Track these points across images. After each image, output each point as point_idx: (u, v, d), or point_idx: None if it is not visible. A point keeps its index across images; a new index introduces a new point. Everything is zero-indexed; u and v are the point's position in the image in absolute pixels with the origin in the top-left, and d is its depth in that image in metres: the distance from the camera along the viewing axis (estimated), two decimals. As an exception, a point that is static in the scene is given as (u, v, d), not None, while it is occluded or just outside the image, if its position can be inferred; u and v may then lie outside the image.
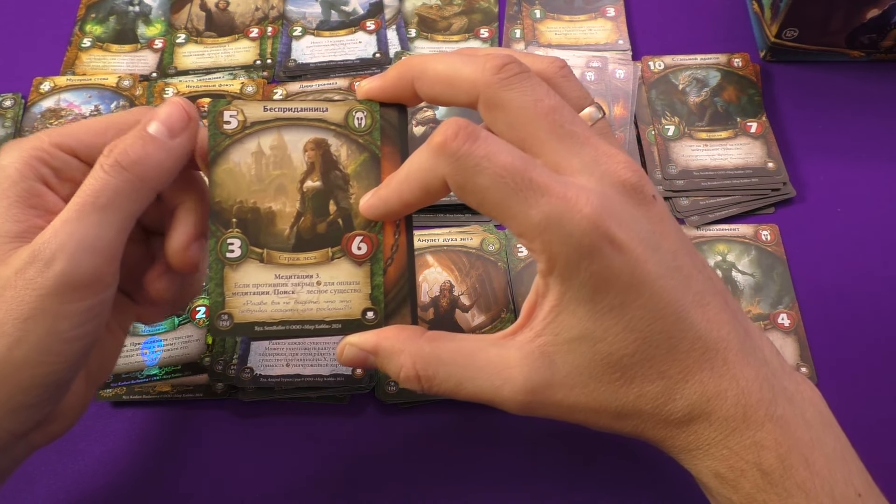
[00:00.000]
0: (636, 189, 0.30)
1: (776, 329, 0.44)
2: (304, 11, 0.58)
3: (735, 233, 0.47)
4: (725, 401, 0.28)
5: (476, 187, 0.28)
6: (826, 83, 0.54)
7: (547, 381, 0.29)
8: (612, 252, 0.28)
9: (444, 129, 0.28)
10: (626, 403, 0.29)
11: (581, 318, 0.28)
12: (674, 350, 0.28)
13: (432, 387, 0.31)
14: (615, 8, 0.58)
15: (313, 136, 0.33)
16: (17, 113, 0.53)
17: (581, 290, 0.28)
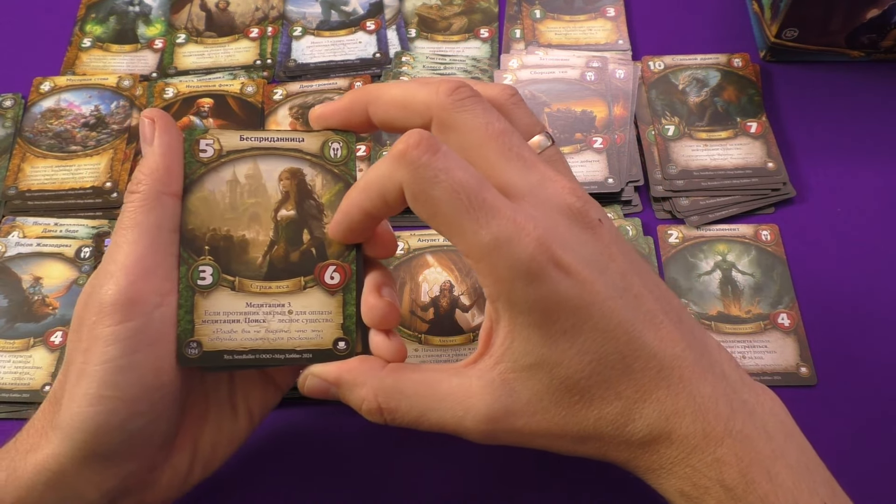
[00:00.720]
0: (581, 213, 0.30)
1: (776, 329, 0.44)
2: (305, 11, 0.58)
3: (735, 233, 0.47)
4: (684, 419, 0.29)
5: (430, 199, 0.28)
6: (826, 83, 0.54)
7: (508, 408, 0.30)
8: (559, 276, 0.28)
9: (407, 138, 0.28)
10: (587, 426, 0.29)
11: (535, 343, 0.29)
12: (629, 370, 0.29)
13: (395, 419, 0.31)
14: (615, 8, 0.58)
15: (289, 166, 0.34)
16: (17, 113, 0.53)
17: (531, 314, 0.28)
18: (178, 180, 0.32)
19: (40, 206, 0.49)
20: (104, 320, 0.29)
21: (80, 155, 0.51)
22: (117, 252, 0.30)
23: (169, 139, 0.33)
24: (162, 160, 0.32)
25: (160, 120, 0.33)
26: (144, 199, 0.31)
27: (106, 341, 0.29)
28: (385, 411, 0.31)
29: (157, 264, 0.31)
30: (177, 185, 0.32)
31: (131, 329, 0.29)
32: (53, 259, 0.47)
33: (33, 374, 0.43)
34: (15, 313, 0.45)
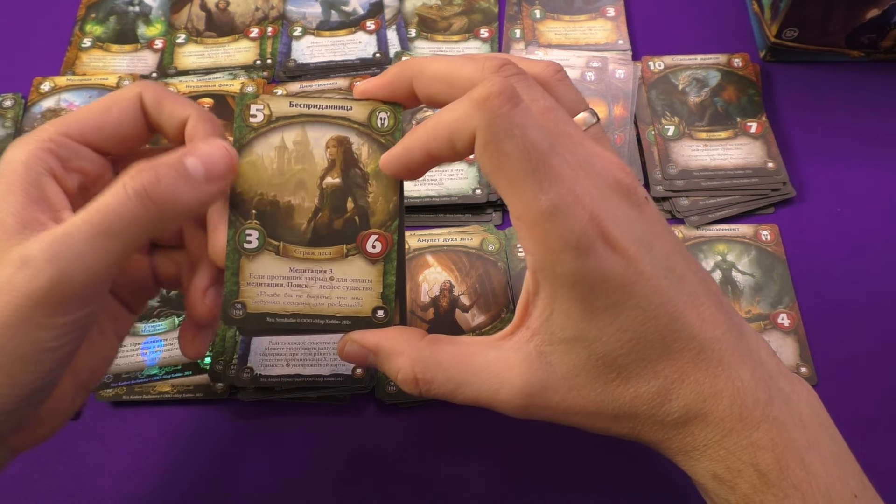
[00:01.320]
0: (630, 190, 0.30)
1: (776, 329, 0.44)
2: (305, 11, 0.58)
3: (735, 233, 0.47)
4: (721, 401, 0.28)
5: (500, 151, 0.27)
6: (826, 83, 0.54)
7: (544, 383, 0.29)
8: (607, 251, 0.28)
9: (490, 86, 0.28)
10: (623, 405, 0.29)
11: (575, 317, 0.28)
12: (668, 350, 0.28)
13: (430, 390, 0.31)
14: (615, 8, 0.58)
15: (336, 134, 0.33)
16: (17, 113, 0.53)
17: (574, 288, 0.28)
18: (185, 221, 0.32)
19: (40, 206, 0.49)
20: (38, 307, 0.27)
21: (79, 155, 0.51)
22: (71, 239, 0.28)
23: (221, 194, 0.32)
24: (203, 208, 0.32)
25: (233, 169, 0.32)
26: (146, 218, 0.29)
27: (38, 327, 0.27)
28: (421, 382, 0.31)
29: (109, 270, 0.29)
30: (175, 225, 0.32)
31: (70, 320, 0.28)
32: (53, 259, 0.47)
33: (33, 374, 0.43)
34: (15, 313, 0.45)
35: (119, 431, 0.42)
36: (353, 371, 0.42)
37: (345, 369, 0.42)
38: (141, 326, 0.44)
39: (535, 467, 0.40)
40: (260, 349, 0.43)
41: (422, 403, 0.42)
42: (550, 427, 0.41)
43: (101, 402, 0.42)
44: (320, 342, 0.43)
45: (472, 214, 0.49)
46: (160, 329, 0.44)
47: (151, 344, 0.44)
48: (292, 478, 0.40)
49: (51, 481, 0.40)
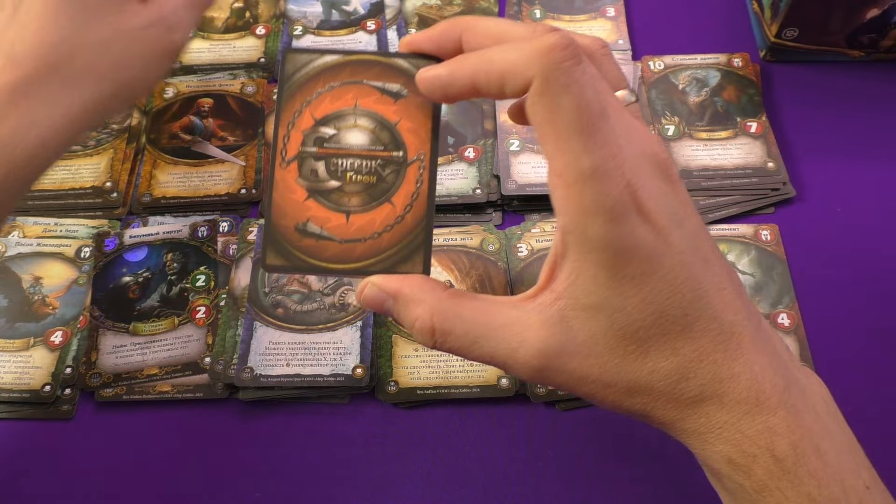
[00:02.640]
0: (665, 165, 0.30)
1: (776, 329, 0.44)
2: (305, 10, 0.58)
3: (735, 233, 0.47)
4: (738, 384, 0.28)
5: (553, 103, 0.27)
6: (826, 83, 0.54)
7: (562, 346, 0.29)
8: (639, 220, 0.28)
9: (557, 39, 0.28)
10: (639, 378, 0.29)
11: (601, 284, 0.28)
12: (689, 328, 0.28)
13: (446, 341, 0.30)
14: (615, 8, 0.58)
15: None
16: (17, 113, 0.53)
17: (603, 253, 0.28)
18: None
19: (40, 205, 0.49)
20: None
21: (80, 155, 0.51)
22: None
23: None
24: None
25: None
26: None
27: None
28: (438, 332, 0.30)
29: None
30: None
31: None
32: (53, 259, 0.47)
33: (33, 373, 0.43)
34: (15, 313, 0.45)
35: (119, 431, 0.42)
36: (353, 371, 0.42)
37: (345, 369, 0.42)
38: (141, 326, 0.44)
39: (535, 467, 0.40)
40: (260, 349, 0.43)
41: (421, 404, 0.42)
42: (551, 428, 0.41)
43: (102, 401, 0.42)
44: (320, 342, 0.43)
45: (472, 214, 0.49)
46: (160, 329, 0.44)
47: (151, 343, 0.44)
48: (292, 477, 0.40)
49: (50, 481, 0.40)
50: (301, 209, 0.32)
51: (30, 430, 0.42)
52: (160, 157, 0.51)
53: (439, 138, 0.33)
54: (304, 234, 0.32)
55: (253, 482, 0.40)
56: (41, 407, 0.42)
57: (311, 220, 0.32)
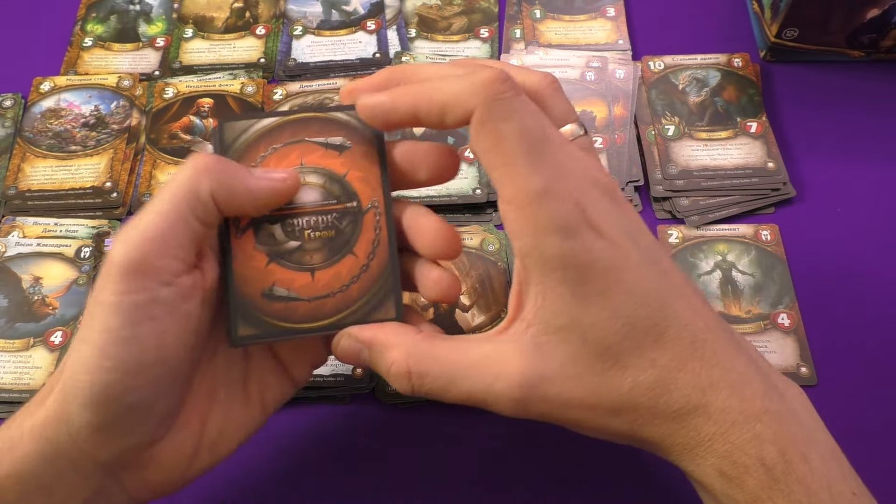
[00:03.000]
0: (611, 189, 0.31)
1: (776, 329, 0.44)
2: (305, 10, 0.58)
3: (735, 233, 0.47)
4: (720, 392, 0.28)
5: (497, 130, 0.28)
6: (826, 83, 0.54)
7: (541, 374, 0.29)
8: (594, 237, 0.28)
9: (494, 73, 0.29)
10: (621, 395, 0.29)
11: (567, 303, 0.28)
12: (662, 338, 0.29)
13: (423, 384, 0.30)
14: (615, 8, 0.58)
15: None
16: (17, 113, 0.53)
17: (564, 270, 0.28)
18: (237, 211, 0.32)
19: (40, 206, 0.49)
20: (109, 286, 0.28)
21: (79, 155, 0.51)
22: (143, 219, 0.29)
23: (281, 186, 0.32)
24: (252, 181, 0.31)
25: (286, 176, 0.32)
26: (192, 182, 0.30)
27: (109, 310, 0.28)
28: (414, 375, 0.30)
29: (177, 245, 0.29)
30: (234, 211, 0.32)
31: (136, 302, 0.28)
32: (53, 259, 0.47)
33: (33, 374, 0.43)
34: (15, 313, 0.45)
35: (119, 431, 0.42)
36: (353, 371, 0.42)
37: (345, 369, 0.42)
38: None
39: (536, 466, 0.40)
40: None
41: (422, 404, 0.42)
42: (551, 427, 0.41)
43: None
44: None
45: (472, 214, 0.49)
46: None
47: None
48: (292, 477, 0.40)
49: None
50: (264, 275, 0.32)
51: (30, 430, 0.42)
52: (160, 158, 0.51)
53: (389, 182, 0.33)
54: (271, 298, 0.32)
55: (252, 481, 0.40)
56: (41, 407, 0.42)
57: (277, 283, 0.32)
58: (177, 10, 0.59)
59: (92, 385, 0.28)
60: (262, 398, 0.34)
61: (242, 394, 0.34)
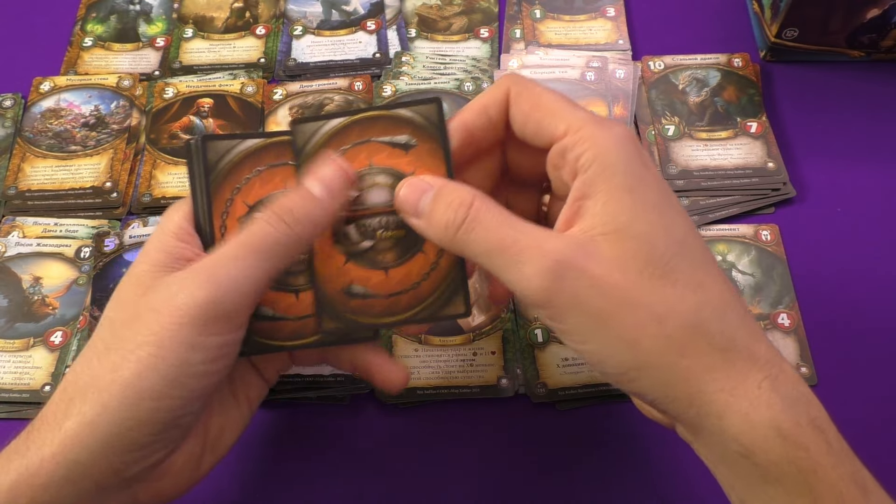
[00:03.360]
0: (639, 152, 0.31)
1: (776, 329, 0.44)
2: (305, 10, 0.58)
3: (735, 233, 0.47)
4: (762, 344, 0.28)
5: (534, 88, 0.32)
6: (826, 83, 0.54)
7: (587, 250, 0.28)
8: (644, 165, 0.29)
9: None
10: (668, 301, 0.27)
11: (626, 207, 0.28)
12: (709, 266, 0.29)
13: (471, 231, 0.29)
14: (615, 8, 0.58)
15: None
16: (17, 113, 0.53)
17: (625, 177, 0.29)
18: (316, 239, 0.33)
19: (40, 206, 0.49)
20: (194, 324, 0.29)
21: (79, 155, 0.51)
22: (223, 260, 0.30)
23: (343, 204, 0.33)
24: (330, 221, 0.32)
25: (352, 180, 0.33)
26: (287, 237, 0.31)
27: (190, 347, 0.29)
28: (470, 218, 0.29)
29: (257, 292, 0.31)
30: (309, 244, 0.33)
31: (220, 342, 0.30)
32: (53, 259, 0.47)
33: (33, 374, 0.43)
34: (15, 313, 0.45)
35: (119, 431, 0.42)
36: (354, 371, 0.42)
37: (345, 369, 0.42)
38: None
39: (535, 467, 0.40)
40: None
41: (422, 404, 0.42)
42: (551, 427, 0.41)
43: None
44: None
45: (472, 214, 0.49)
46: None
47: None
48: (292, 477, 0.40)
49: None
50: (343, 273, 0.33)
51: (30, 430, 0.42)
52: (160, 157, 0.51)
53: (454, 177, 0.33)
54: (350, 295, 0.33)
55: (252, 481, 0.40)
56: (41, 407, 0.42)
57: (354, 281, 0.33)
58: (177, 10, 0.59)
59: (157, 411, 0.29)
60: (247, 397, 0.36)
61: (231, 395, 0.35)
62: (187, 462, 0.32)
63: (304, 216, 0.31)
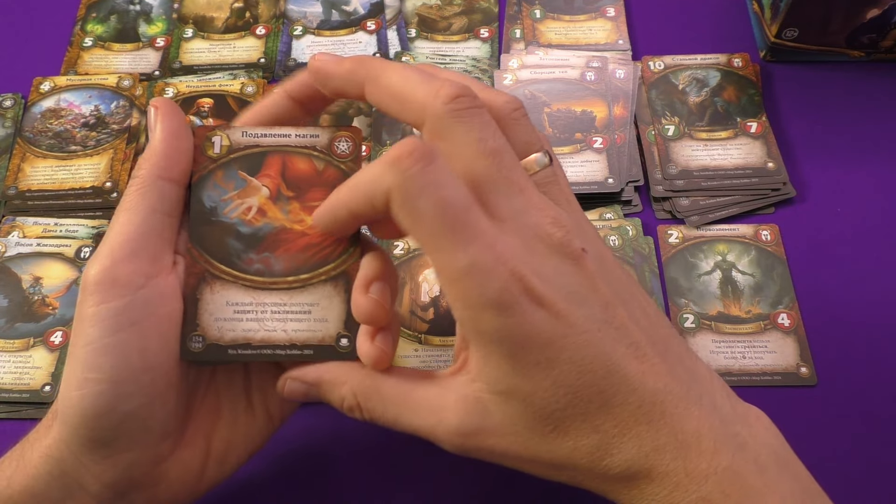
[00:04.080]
0: (562, 244, 0.29)
1: (776, 329, 0.44)
2: (305, 11, 0.58)
3: (735, 233, 0.47)
4: (664, 455, 0.28)
5: (414, 210, 0.27)
6: (826, 83, 0.54)
7: (479, 427, 0.29)
8: (532, 307, 0.27)
9: (401, 146, 0.27)
10: (561, 456, 0.29)
11: (507, 373, 0.28)
12: (607, 404, 0.28)
13: (373, 418, 0.31)
14: (615, 8, 0.58)
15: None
16: (17, 113, 0.53)
17: (501, 345, 0.27)
18: (177, 165, 0.32)
19: (40, 206, 0.49)
20: (87, 300, 0.29)
21: (80, 155, 0.51)
22: (108, 233, 0.31)
23: (170, 125, 0.33)
24: (160, 146, 0.32)
25: (163, 107, 0.33)
26: (141, 184, 0.31)
27: (88, 322, 0.29)
28: (364, 410, 0.31)
29: (144, 246, 0.30)
30: (177, 171, 0.32)
31: (112, 309, 0.29)
32: (53, 259, 0.47)
33: (33, 374, 0.43)
34: (15, 313, 0.45)
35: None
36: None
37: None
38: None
39: (534, 467, 0.40)
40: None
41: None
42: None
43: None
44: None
45: (472, 214, 0.49)
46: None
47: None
48: (291, 477, 0.40)
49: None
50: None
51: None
52: (160, 157, 0.51)
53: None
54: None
55: (252, 482, 0.40)
56: (41, 407, 0.42)
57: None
58: (177, 10, 0.59)
59: (82, 399, 0.29)
60: (266, 409, 0.34)
61: (247, 407, 0.34)
62: (185, 472, 0.32)
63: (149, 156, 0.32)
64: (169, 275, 0.31)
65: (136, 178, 0.31)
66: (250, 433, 0.34)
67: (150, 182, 0.31)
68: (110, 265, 0.29)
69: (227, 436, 0.33)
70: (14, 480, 0.30)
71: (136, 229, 0.30)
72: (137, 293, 0.30)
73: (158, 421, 0.31)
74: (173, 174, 0.32)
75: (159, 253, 0.31)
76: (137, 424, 0.30)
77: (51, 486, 0.30)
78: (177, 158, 0.32)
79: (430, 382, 0.31)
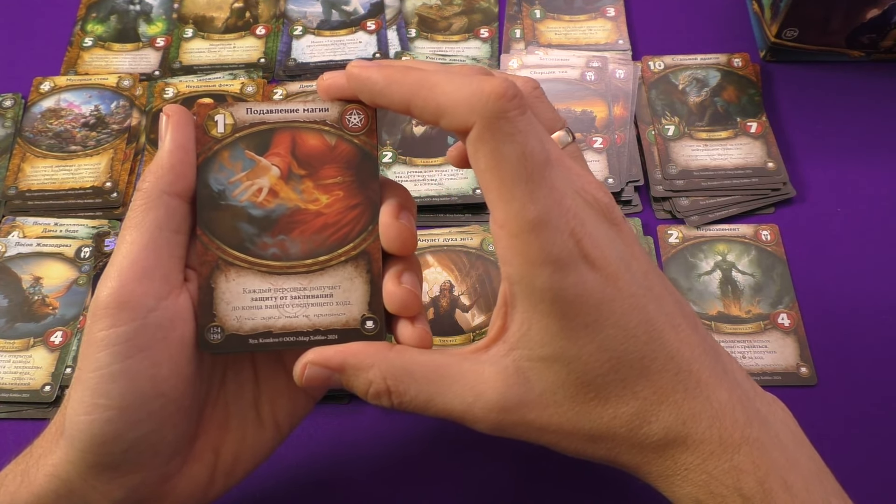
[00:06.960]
0: (608, 209, 0.29)
1: (776, 329, 0.44)
2: (305, 11, 0.58)
3: (735, 233, 0.47)
4: (700, 423, 0.28)
5: (496, 152, 0.27)
6: (826, 83, 0.54)
7: (520, 398, 0.29)
8: (586, 269, 0.27)
9: (501, 84, 0.27)
10: (601, 425, 0.29)
11: (554, 334, 0.28)
12: (647, 371, 0.28)
13: (402, 402, 0.30)
14: (615, 8, 0.58)
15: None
16: (17, 113, 0.53)
17: (553, 304, 0.27)
18: (183, 180, 0.31)
19: (40, 206, 0.49)
20: (96, 324, 0.28)
21: (80, 155, 0.51)
22: (116, 253, 0.30)
23: (180, 137, 0.31)
24: (168, 159, 0.31)
25: (175, 115, 0.32)
26: (146, 198, 0.30)
27: (97, 346, 0.28)
28: (394, 394, 0.30)
29: (153, 266, 0.29)
30: (181, 185, 0.31)
31: (122, 335, 0.28)
32: (53, 259, 0.47)
33: (33, 374, 0.43)
34: (15, 313, 0.45)
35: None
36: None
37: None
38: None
39: (538, 466, 0.40)
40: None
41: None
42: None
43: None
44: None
45: (472, 214, 0.49)
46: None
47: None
48: (292, 477, 0.40)
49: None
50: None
51: (30, 430, 0.42)
52: (160, 157, 0.51)
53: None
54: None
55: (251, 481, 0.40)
56: (41, 407, 0.42)
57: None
58: (177, 10, 0.59)
59: (90, 425, 0.28)
60: (275, 419, 0.34)
61: (255, 418, 0.33)
62: (192, 487, 0.32)
63: (155, 168, 0.31)
64: (180, 295, 0.30)
65: (141, 192, 0.30)
66: (258, 444, 0.33)
67: (155, 197, 0.30)
68: (119, 287, 0.28)
69: (236, 448, 0.33)
70: (18, 496, 0.30)
71: (144, 249, 0.29)
72: (148, 316, 0.29)
73: (168, 444, 0.30)
74: (179, 189, 0.31)
75: (169, 272, 0.30)
76: (146, 448, 0.30)
77: (58, 503, 0.30)
78: (184, 173, 0.31)
79: (462, 358, 0.30)
